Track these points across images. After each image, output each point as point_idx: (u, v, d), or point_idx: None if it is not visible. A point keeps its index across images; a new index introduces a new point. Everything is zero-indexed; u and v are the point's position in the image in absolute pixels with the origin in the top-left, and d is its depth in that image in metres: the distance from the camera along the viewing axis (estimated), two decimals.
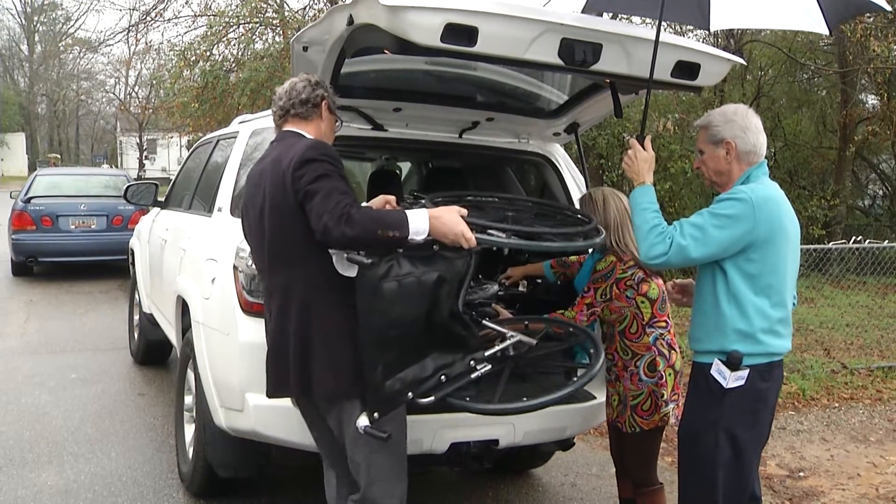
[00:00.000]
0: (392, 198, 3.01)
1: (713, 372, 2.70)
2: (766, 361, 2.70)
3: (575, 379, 3.03)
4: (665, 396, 3.24)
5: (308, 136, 2.81)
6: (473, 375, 2.66)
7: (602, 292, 3.24)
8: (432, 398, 2.58)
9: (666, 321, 3.31)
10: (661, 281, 3.31)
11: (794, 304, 2.88)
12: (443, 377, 2.60)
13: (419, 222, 2.53)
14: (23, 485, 4.31)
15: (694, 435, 2.79)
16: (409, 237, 2.51)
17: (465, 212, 2.60)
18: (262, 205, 2.75)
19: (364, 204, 2.83)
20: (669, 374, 3.26)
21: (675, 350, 3.31)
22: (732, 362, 2.67)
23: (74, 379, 6.36)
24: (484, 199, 3.46)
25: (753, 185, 2.73)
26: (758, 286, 2.67)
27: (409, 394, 2.56)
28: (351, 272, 2.60)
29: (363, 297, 2.53)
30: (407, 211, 2.56)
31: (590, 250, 3.43)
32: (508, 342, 3.01)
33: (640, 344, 3.27)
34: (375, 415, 2.55)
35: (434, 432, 3.28)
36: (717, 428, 2.70)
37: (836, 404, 6.44)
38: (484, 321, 3.22)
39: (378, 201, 3.02)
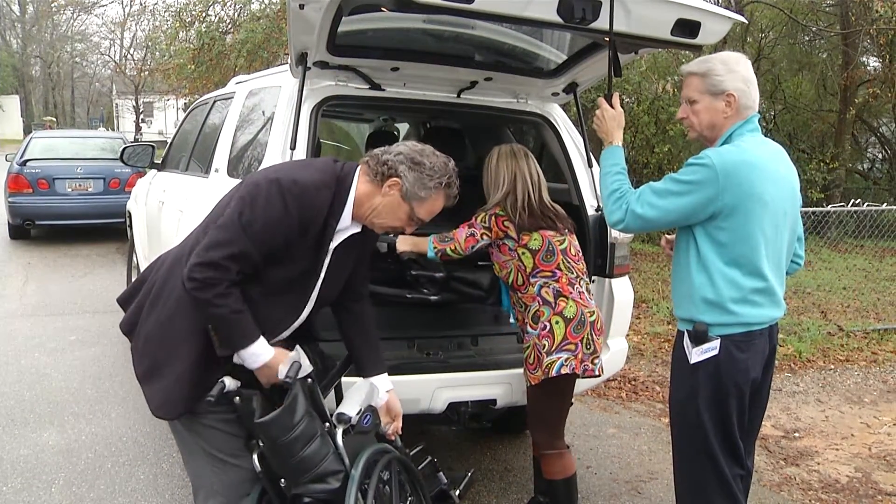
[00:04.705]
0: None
1: (684, 344, 2.65)
2: (742, 331, 2.57)
3: None
4: (547, 348, 3.11)
5: (350, 189, 2.41)
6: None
7: (482, 219, 3.23)
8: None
9: (553, 271, 3.19)
10: (550, 233, 3.21)
11: (798, 265, 2.82)
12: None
13: (256, 355, 2.29)
14: (25, 444, 4.35)
15: (678, 402, 2.74)
16: (235, 354, 2.29)
17: (307, 363, 2.36)
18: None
19: None
20: (557, 323, 3.13)
21: (566, 297, 3.16)
22: (698, 336, 2.59)
23: (73, 341, 6.39)
24: None
25: (727, 147, 2.57)
26: (728, 256, 2.53)
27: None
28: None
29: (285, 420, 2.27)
30: (261, 339, 2.30)
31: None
32: None
33: (527, 295, 3.21)
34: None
35: (432, 392, 3.30)
36: (697, 397, 2.62)
37: (832, 366, 6.50)
38: None
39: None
